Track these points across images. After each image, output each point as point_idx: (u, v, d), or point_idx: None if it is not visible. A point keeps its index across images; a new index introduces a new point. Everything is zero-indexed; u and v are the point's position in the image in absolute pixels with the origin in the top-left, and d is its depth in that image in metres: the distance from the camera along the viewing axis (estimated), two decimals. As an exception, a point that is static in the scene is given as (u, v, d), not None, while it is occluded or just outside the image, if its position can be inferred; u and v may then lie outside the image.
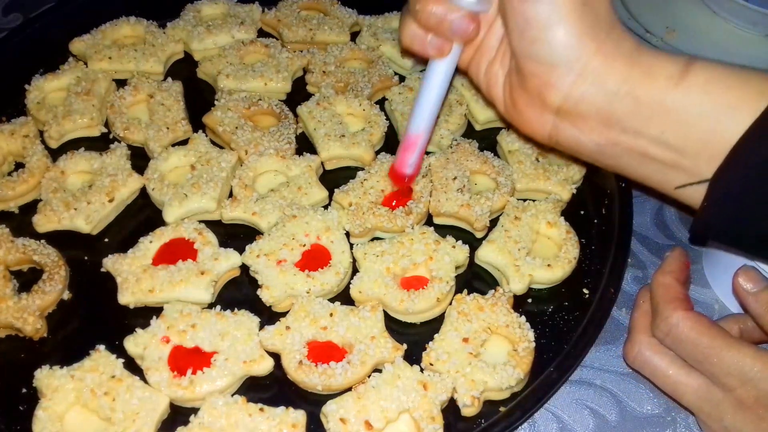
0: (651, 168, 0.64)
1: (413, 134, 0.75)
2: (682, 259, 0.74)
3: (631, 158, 0.65)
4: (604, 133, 0.64)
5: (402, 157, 0.77)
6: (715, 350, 0.64)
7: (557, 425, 0.73)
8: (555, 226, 0.82)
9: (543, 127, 0.68)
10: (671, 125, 0.61)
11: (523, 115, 0.69)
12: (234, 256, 0.79)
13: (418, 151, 0.76)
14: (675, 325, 0.67)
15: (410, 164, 0.77)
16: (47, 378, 0.68)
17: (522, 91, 0.67)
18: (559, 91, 0.64)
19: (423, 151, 0.77)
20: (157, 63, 0.99)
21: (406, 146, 0.76)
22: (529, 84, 0.66)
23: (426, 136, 0.75)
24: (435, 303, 0.75)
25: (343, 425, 0.66)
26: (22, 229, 0.82)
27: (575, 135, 0.66)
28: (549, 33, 0.62)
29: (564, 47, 0.62)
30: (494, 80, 0.72)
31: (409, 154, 0.76)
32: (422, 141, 0.75)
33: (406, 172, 0.78)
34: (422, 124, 0.74)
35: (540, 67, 0.64)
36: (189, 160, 0.88)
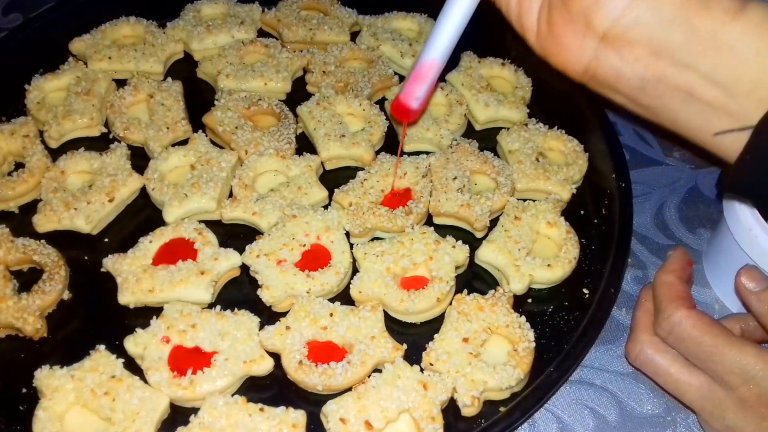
0: (693, 110, 0.61)
1: (427, 62, 0.68)
2: (684, 258, 0.74)
3: (674, 97, 0.61)
4: (652, 65, 0.60)
5: (410, 88, 0.70)
6: (717, 349, 0.64)
7: (557, 425, 0.73)
8: (555, 226, 0.82)
9: (581, 56, 0.63)
10: (724, 61, 0.58)
11: (560, 43, 0.64)
12: (234, 256, 0.79)
13: (428, 83, 0.69)
14: (677, 324, 0.67)
15: (418, 97, 0.70)
16: (47, 378, 0.68)
17: (564, 13, 0.63)
18: (609, 13, 0.59)
19: (434, 83, 0.70)
20: (157, 63, 0.99)
21: (417, 75, 0.69)
22: (575, 5, 0.61)
23: (440, 65, 0.69)
24: (435, 303, 0.75)
25: (343, 425, 0.66)
26: (22, 229, 0.82)
27: (618, 66, 0.62)
28: None
29: None
30: (527, 8, 0.67)
31: (419, 85, 0.69)
32: (435, 71, 0.69)
33: (411, 105, 0.71)
34: (439, 51, 0.67)
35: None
36: (189, 160, 0.88)
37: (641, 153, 0.97)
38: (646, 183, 0.94)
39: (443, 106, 0.96)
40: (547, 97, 0.98)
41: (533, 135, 0.91)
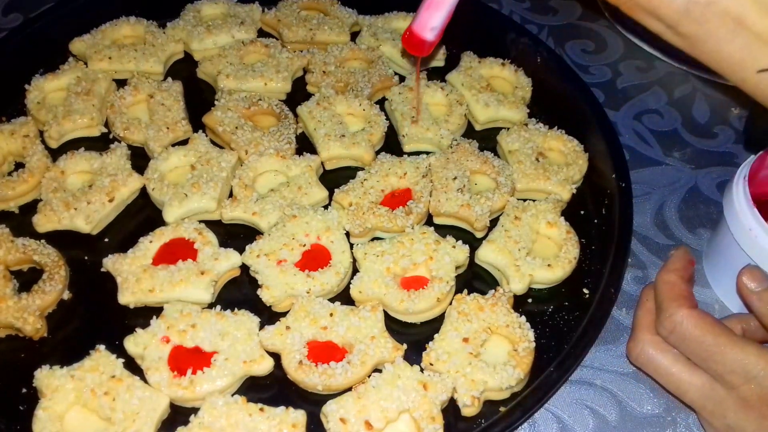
0: (739, 41, 0.56)
1: None
2: (686, 257, 0.74)
3: (722, 25, 0.56)
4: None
5: (424, 18, 0.63)
6: (719, 348, 0.64)
7: (557, 425, 0.73)
8: (555, 226, 0.82)
9: None
10: None
11: None
12: (234, 256, 0.79)
13: (445, 12, 0.62)
14: (679, 323, 0.67)
15: (433, 27, 0.63)
16: (47, 378, 0.68)
17: None
18: None
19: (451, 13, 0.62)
20: (157, 63, 0.99)
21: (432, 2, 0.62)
22: None
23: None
24: (435, 303, 0.75)
25: (343, 425, 0.66)
26: (22, 229, 0.82)
27: None
28: None
29: None
30: None
31: (435, 13, 0.62)
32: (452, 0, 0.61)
33: (426, 36, 0.63)
34: None
35: None
36: (189, 160, 0.88)
37: (641, 153, 0.97)
38: (646, 183, 0.94)
39: (443, 106, 0.96)
40: (547, 97, 0.98)
41: (533, 135, 0.91)
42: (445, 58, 1.04)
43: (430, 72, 1.02)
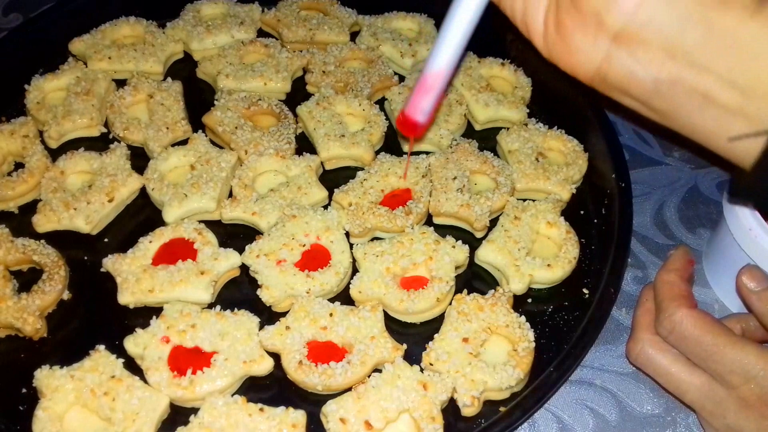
0: (708, 114, 0.58)
1: (432, 73, 0.64)
2: (686, 257, 0.74)
3: (690, 101, 0.59)
4: (667, 66, 0.58)
5: (415, 101, 0.66)
6: (718, 348, 0.64)
7: (557, 425, 0.73)
8: (555, 226, 0.82)
9: (592, 57, 0.61)
10: (742, 61, 0.55)
11: (569, 44, 0.62)
12: (234, 256, 0.79)
13: (435, 95, 0.65)
14: (678, 323, 0.67)
15: (424, 110, 0.66)
16: (47, 378, 0.68)
17: (574, 13, 0.60)
18: (623, 11, 0.57)
19: (441, 95, 0.66)
20: (157, 63, 0.99)
21: (422, 88, 0.65)
22: (586, 3, 0.59)
23: (447, 75, 0.64)
24: (435, 303, 0.75)
25: (343, 425, 0.66)
26: (22, 229, 0.82)
27: (631, 67, 0.59)
28: None
29: None
30: (533, 11, 0.64)
31: (425, 97, 0.65)
32: (442, 82, 0.65)
33: (418, 119, 0.66)
34: (444, 61, 0.63)
35: None
36: (189, 160, 0.88)
37: (641, 153, 0.97)
38: (646, 183, 0.94)
39: (443, 106, 0.96)
40: (547, 97, 0.98)
41: (533, 135, 0.91)
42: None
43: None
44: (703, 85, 0.58)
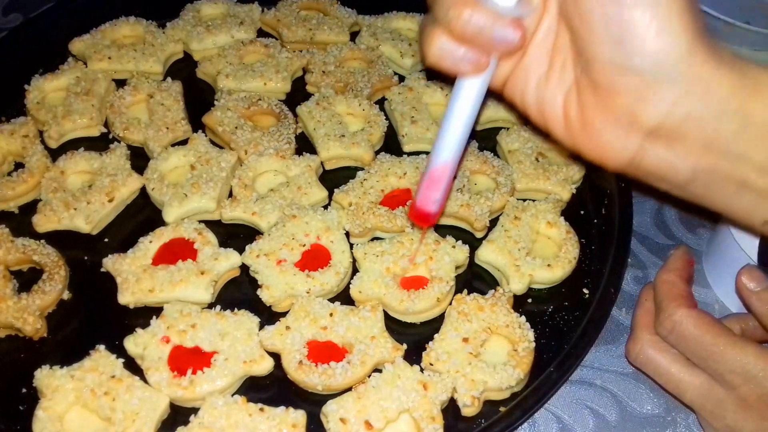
0: (745, 199, 0.58)
1: (439, 166, 0.63)
2: (686, 257, 0.74)
3: (726, 187, 0.58)
4: (704, 157, 0.56)
5: (425, 195, 0.65)
6: (718, 348, 0.64)
7: (557, 425, 0.73)
8: (555, 226, 0.82)
9: (624, 151, 0.58)
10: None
11: (598, 139, 0.59)
12: (234, 256, 0.79)
13: (443, 187, 0.64)
14: (678, 323, 0.67)
15: (435, 200, 0.65)
16: (47, 378, 0.68)
17: (602, 110, 0.57)
18: (658, 108, 0.55)
19: (449, 186, 0.65)
20: (157, 63, 0.99)
21: (430, 181, 0.64)
22: (616, 101, 0.56)
23: (453, 167, 0.63)
24: (435, 303, 0.75)
25: (343, 425, 0.66)
26: (22, 229, 0.82)
27: (668, 159, 0.57)
28: (654, 40, 0.52)
29: (673, 56, 0.53)
30: (550, 99, 0.61)
31: (434, 190, 0.64)
32: (449, 174, 0.63)
33: (430, 209, 0.66)
34: (449, 155, 0.62)
35: (637, 81, 0.54)
36: (189, 160, 0.88)
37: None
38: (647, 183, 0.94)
39: (443, 106, 0.96)
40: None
41: (533, 135, 0.91)
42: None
43: (429, 72, 1.02)
44: (740, 173, 0.57)
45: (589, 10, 0.54)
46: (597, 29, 0.54)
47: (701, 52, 0.53)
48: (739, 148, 0.55)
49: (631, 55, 0.53)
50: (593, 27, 0.55)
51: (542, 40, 0.60)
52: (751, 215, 0.60)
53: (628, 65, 0.54)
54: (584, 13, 0.55)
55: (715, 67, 0.53)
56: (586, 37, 0.56)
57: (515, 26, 0.56)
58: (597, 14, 0.54)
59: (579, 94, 0.59)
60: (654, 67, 0.53)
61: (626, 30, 0.53)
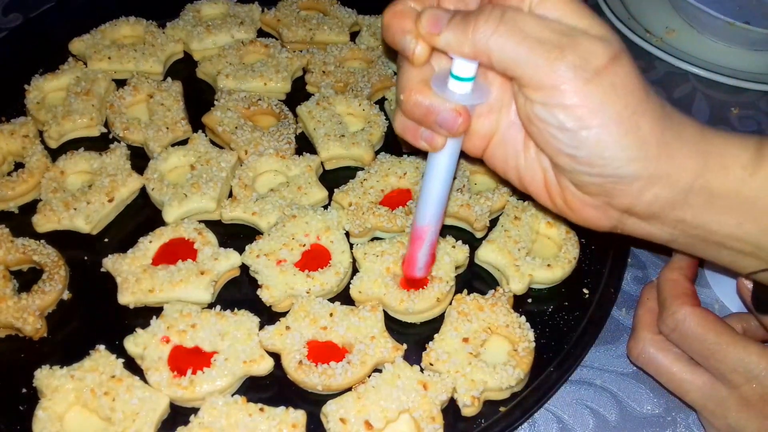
0: (725, 254, 0.62)
1: (419, 226, 0.66)
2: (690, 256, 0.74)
3: (706, 247, 0.62)
4: (678, 226, 0.60)
5: (411, 253, 0.68)
6: (721, 346, 0.64)
7: (557, 425, 0.73)
8: (555, 226, 0.82)
9: (606, 222, 0.63)
10: (749, 216, 0.58)
11: (580, 213, 0.63)
12: (234, 256, 0.79)
13: (427, 244, 0.67)
14: (682, 321, 0.67)
15: (420, 267, 0.69)
16: (47, 378, 0.68)
17: (579, 195, 0.61)
18: (627, 196, 0.58)
19: (434, 243, 0.68)
20: (157, 63, 0.99)
21: (414, 239, 0.67)
22: (590, 190, 0.60)
23: (434, 228, 0.66)
24: (435, 303, 0.75)
25: (343, 425, 0.66)
26: (22, 229, 0.82)
27: (647, 229, 0.62)
28: (606, 153, 0.55)
29: (627, 163, 0.56)
30: (529, 176, 0.64)
31: (418, 247, 0.67)
32: (431, 233, 0.67)
33: (416, 275, 0.70)
34: (428, 216, 0.65)
35: (602, 180, 0.58)
36: (189, 160, 0.88)
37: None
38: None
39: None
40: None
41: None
42: (445, 58, 1.04)
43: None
44: (714, 237, 0.60)
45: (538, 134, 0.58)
46: (551, 149, 0.58)
47: (657, 150, 0.56)
48: (709, 219, 0.59)
49: (587, 166, 0.57)
50: (547, 147, 0.58)
51: (515, 119, 0.62)
52: (736, 267, 0.63)
53: (586, 171, 0.57)
54: (536, 135, 0.58)
55: (676, 156, 0.56)
56: (545, 151, 0.59)
57: (457, 113, 0.58)
58: (545, 137, 0.57)
59: (557, 177, 0.61)
60: (612, 171, 0.56)
61: (576, 149, 0.56)
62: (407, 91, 0.59)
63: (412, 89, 0.59)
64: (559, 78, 0.53)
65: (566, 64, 0.53)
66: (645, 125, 0.55)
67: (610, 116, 0.54)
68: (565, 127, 0.55)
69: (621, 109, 0.54)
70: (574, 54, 0.53)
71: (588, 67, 0.53)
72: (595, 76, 0.53)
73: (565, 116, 0.54)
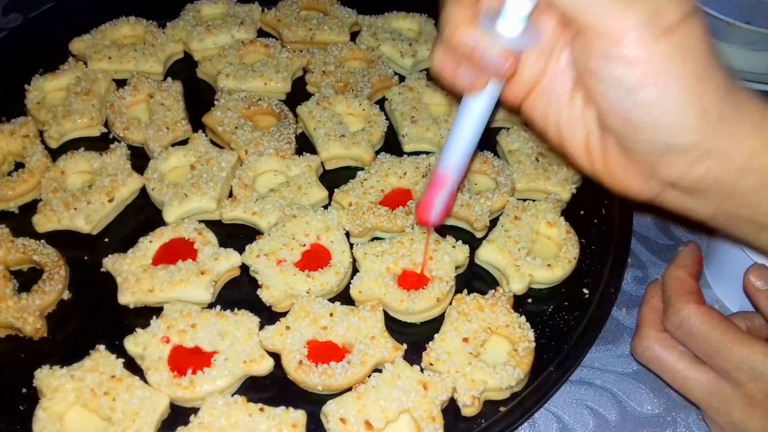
0: (764, 235, 0.60)
1: (441, 171, 0.64)
2: (695, 254, 0.74)
3: (747, 226, 0.60)
4: (724, 205, 0.58)
5: (427, 197, 0.66)
6: (726, 344, 0.64)
7: (557, 425, 0.73)
8: (555, 226, 0.82)
9: (645, 192, 0.60)
10: None
11: (621, 179, 0.59)
12: (234, 256, 0.79)
13: (446, 192, 0.64)
14: (687, 319, 0.67)
15: (435, 212, 0.66)
16: (47, 378, 0.68)
17: (624, 159, 0.58)
18: (675, 169, 0.55)
19: (453, 193, 0.65)
20: (157, 63, 0.99)
21: (433, 183, 0.65)
22: (635, 157, 0.57)
23: (455, 176, 0.64)
24: (435, 303, 0.75)
25: (343, 425, 0.66)
26: (22, 229, 0.82)
27: (688, 204, 0.59)
28: (663, 118, 0.52)
29: (684, 132, 0.53)
30: (571, 131, 0.60)
31: (436, 192, 0.65)
32: (452, 181, 0.64)
33: (429, 219, 0.67)
34: (452, 163, 0.63)
35: (649, 149, 0.55)
36: (189, 160, 0.88)
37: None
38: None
39: (443, 106, 0.96)
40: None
41: (533, 135, 0.91)
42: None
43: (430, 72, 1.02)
44: (758, 218, 0.58)
45: (593, 88, 0.54)
46: (603, 106, 0.55)
47: (716, 123, 0.53)
48: (758, 199, 0.56)
49: (639, 131, 0.54)
50: (600, 103, 0.55)
51: (564, 68, 0.58)
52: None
53: (636, 138, 0.54)
54: (590, 88, 0.55)
55: (734, 132, 0.53)
56: (597, 106, 0.56)
57: (505, 56, 0.54)
58: (600, 93, 0.54)
59: (601, 137, 0.58)
60: (665, 139, 0.53)
61: (631, 110, 0.53)
62: (452, 25, 0.54)
63: (459, 24, 0.54)
64: (627, 27, 0.49)
65: (637, 14, 0.49)
66: (708, 94, 0.52)
67: (674, 78, 0.51)
68: (624, 83, 0.51)
69: (687, 73, 0.51)
70: (647, 4, 0.49)
71: (659, 22, 0.49)
72: (665, 33, 0.49)
73: (626, 71, 0.51)
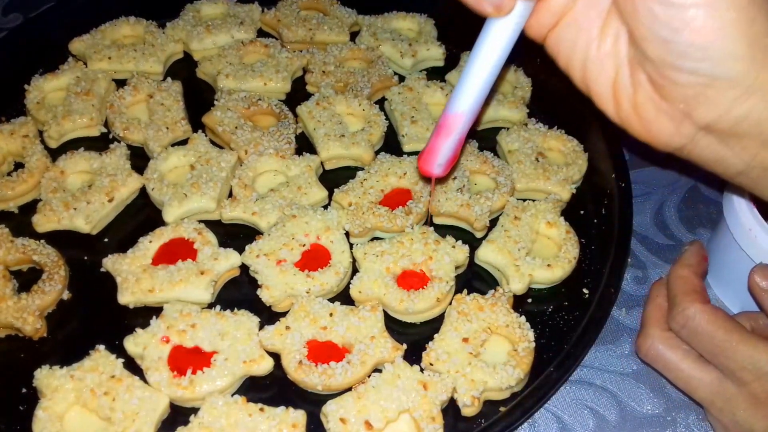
0: None
1: (451, 114, 0.58)
2: (700, 252, 0.74)
3: None
4: (761, 154, 0.54)
5: (433, 143, 0.60)
6: (730, 344, 0.64)
7: (557, 425, 0.73)
8: (555, 226, 0.82)
9: (675, 139, 0.56)
10: None
11: (650, 124, 0.55)
12: (234, 255, 0.79)
13: (454, 138, 0.59)
14: (691, 318, 0.66)
15: (440, 163, 0.61)
16: (47, 378, 0.68)
17: (657, 98, 0.54)
18: (715, 107, 0.52)
19: (461, 140, 0.59)
20: (157, 63, 0.99)
21: (441, 128, 0.59)
22: (671, 94, 0.53)
23: (467, 119, 0.58)
24: (435, 303, 0.75)
25: (343, 425, 0.66)
26: (22, 229, 0.82)
27: (721, 153, 0.55)
28: (710, 42, 0.49)
29: (731, 59, 0.49)
30: (598, 68, 0.56)
31: (443, 139, 0.59)
32: (462, 124, 0.58)
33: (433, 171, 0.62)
34: (464, 104, 0.57)
35: (692, 80, 0.51)
36: (189, 160, 0.88)
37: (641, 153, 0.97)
38: (646, 183, 0.94)
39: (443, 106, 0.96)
40: (547, 97, 0.98)
41: (533, 135, 0.91)
42: (445, 58, 1.04)
43: (429, 72, 1.02)
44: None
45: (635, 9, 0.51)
46: (644, 27, 0.51)
47: (763, 57, 0.50)
48: None
49: (682, 56, 0.50)
50: (640, 24, 0.51)
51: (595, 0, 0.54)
52: None
53: (679, 65, 0.51)
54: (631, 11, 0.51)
55: None
56: (635, 31, 0.52)
57: None
58: (642, 12, 0.50)
59: (632, 74, 0.54)
60: (709, 67, 0.50)
61: (675, 30, 0.49)
62: None
63: None
64: None
65: None
66: (760, 21, 0.48)
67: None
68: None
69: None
70: None
71: None
72: None
73: None
